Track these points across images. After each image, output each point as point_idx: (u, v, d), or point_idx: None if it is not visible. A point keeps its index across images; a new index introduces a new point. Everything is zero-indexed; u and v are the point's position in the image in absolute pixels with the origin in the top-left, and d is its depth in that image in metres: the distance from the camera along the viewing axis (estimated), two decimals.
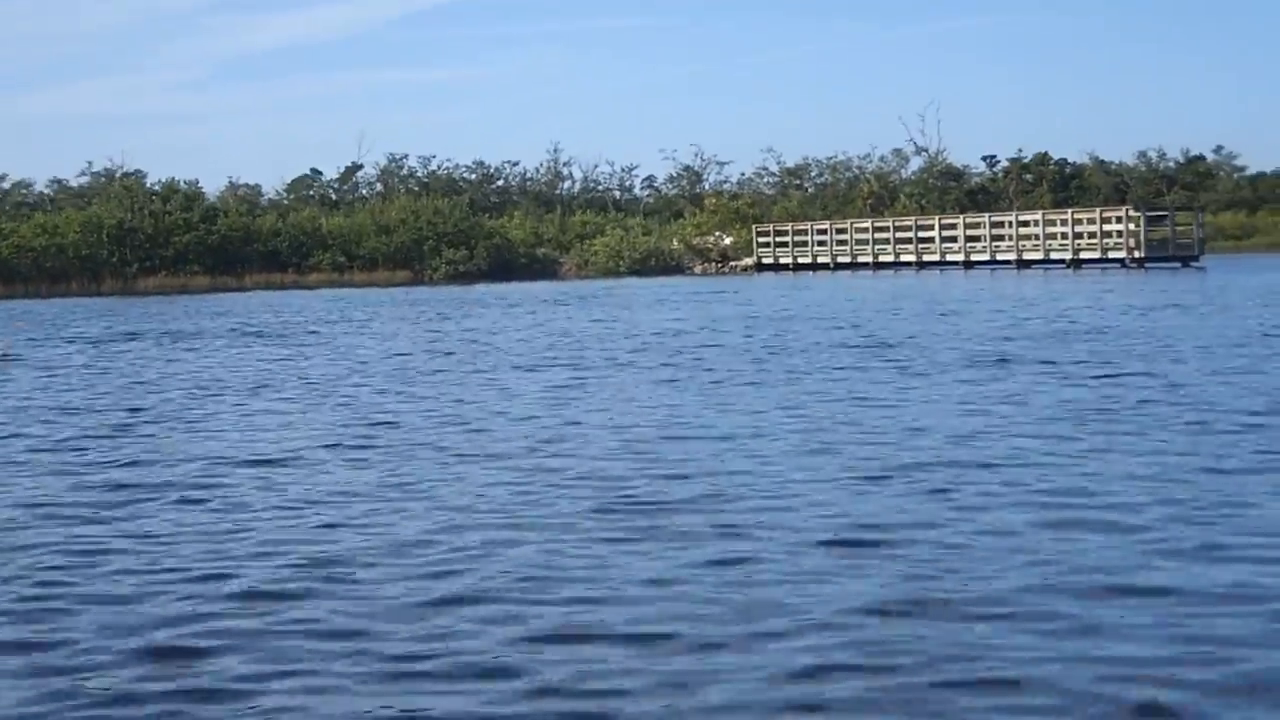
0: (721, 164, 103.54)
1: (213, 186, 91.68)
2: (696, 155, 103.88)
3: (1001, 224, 65.83)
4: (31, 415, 16.67)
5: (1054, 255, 62.28)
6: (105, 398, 18.54)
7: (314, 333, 32.34)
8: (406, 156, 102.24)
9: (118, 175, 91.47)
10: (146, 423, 15.61)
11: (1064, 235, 62.35)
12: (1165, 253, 60.36)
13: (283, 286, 72.00)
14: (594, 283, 65.57)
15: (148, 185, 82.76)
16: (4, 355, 19.76)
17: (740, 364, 20.40)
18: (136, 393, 19.11)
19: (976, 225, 66.97)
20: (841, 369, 19.21)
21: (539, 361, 22.01)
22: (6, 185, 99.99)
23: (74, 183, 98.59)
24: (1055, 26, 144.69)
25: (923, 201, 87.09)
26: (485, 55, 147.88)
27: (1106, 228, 60.94)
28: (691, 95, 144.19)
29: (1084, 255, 61.05)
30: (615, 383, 18.28)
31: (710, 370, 19.53)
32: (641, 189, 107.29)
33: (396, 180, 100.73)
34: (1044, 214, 66.20)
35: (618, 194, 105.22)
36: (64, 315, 46.14)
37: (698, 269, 76.74)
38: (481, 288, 63.19)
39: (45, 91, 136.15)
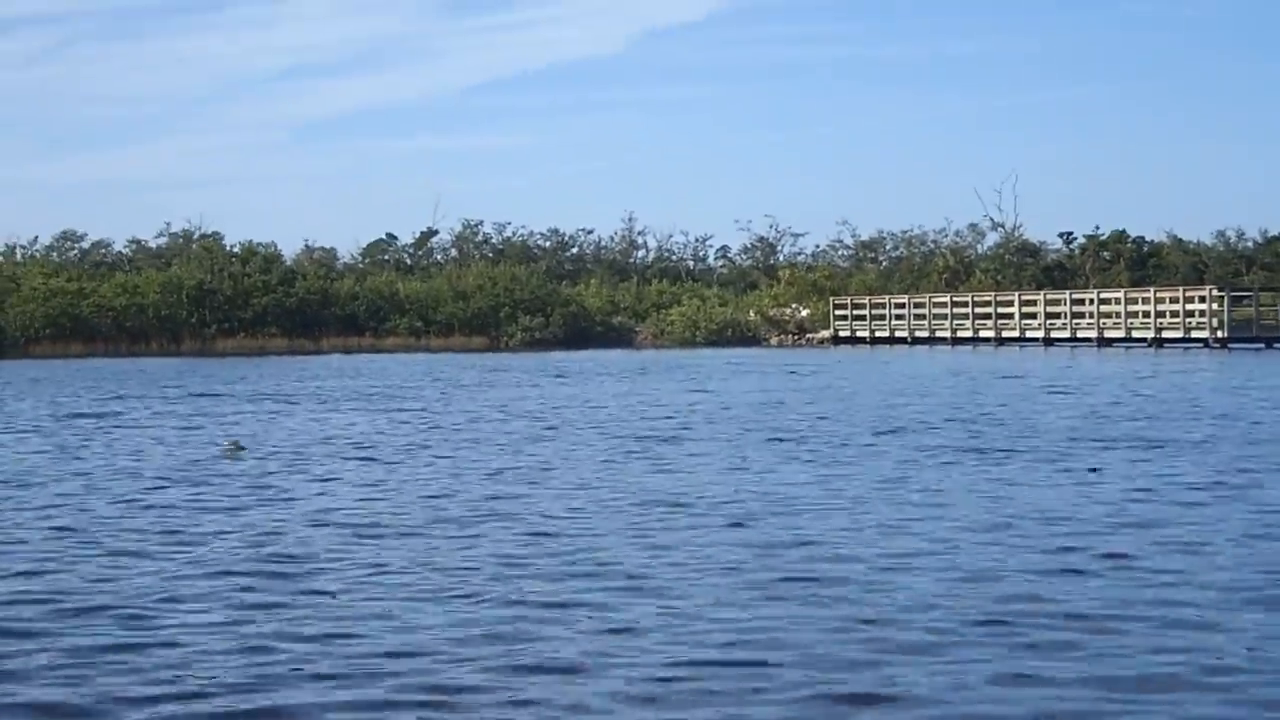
0: (796, 235, 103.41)
1: (288, 249, 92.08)
2: (771, 226, 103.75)
3: (1082, 301, 65.38)
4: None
5: (1136, 334, 61.62)
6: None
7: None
8: (482, 223, 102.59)
9: (196, 236, 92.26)
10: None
11: (1146, 314, 61.73)
12: (1249, 333, 59.64)
13: (359, 350, 72.20)
14: (673, 352, 65.38)
15: (226, 247, 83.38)
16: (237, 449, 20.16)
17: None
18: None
19: (1057, 302, 66.52)
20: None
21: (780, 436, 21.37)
22: (86, 245, 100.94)
23: (152, 243, 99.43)
24: (1132, 103, 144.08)
25: (998, 277, 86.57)
26: (560, 122, 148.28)
27: (1189, 307, 60.31)
28: (766, 165, 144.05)
29: (1166, 334, 60.40)
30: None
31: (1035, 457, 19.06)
32: (715, 259, 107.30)
33: (471, 246, 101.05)
34: (1126, 292, 65.60)
35: (691, 263, 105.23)
36: (174, 375, 46.33)
37: (774, 340, 76.55)
38: (560, 355, 63.17)
39: (122, 151, 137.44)
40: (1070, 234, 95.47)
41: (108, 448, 21.02)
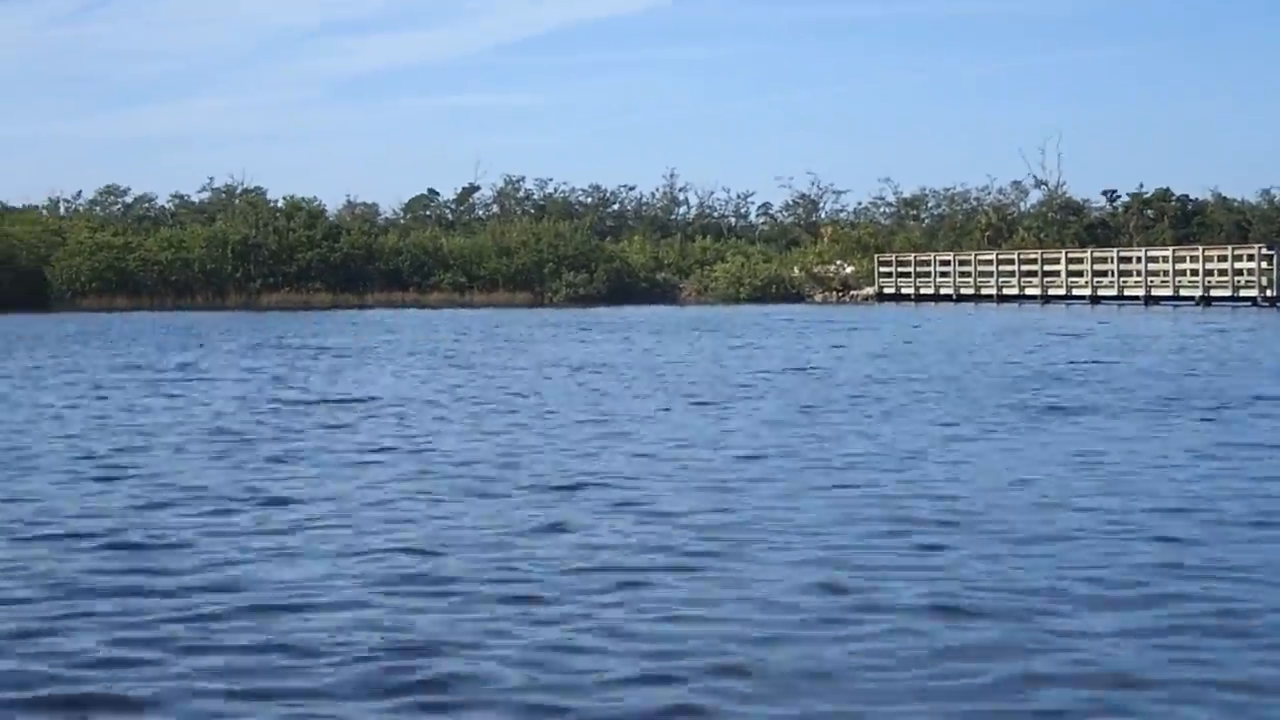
0: (838, 193, 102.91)
1: (330, 205, 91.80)
2: (813, 183, 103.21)
3: (1129, 259, 65.09)
4: None
5: (1184, 292, 61.35)
6: None
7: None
8: (523, 179, 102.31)
9: (238, 191, 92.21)
10: None
11: (1194, 272, 61.42)
12: None
13: (404, 305, 72.35)
14: (719, 309, 65.43)
15: (269, 202, 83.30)
16: None
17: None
18: None
19: (1104, 260, 66.27)
20: None
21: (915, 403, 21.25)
22: (129, 199, 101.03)
23: (195, 198, 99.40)
24: (1176, 61, 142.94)
25: (1041, 235, 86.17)
26: (599, 80, 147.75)
27: (1238, 265, 60.00)
28: (807, 122, 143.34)
29: (1214, 293, 60.11)
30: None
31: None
32: (757, 216, 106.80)
33: (513, 202, 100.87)
34: (1174, 250, 65.31)
35: (733, 220, 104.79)
36: (248, 328, 46.53)
37: (818, 297, 76.46)
38: (602, 310, 63.21)
39: (162, 107, 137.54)
40: (1114, 192, 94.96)
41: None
